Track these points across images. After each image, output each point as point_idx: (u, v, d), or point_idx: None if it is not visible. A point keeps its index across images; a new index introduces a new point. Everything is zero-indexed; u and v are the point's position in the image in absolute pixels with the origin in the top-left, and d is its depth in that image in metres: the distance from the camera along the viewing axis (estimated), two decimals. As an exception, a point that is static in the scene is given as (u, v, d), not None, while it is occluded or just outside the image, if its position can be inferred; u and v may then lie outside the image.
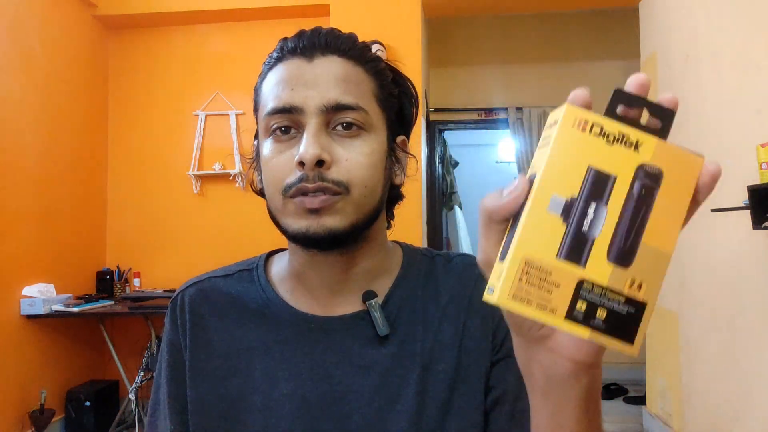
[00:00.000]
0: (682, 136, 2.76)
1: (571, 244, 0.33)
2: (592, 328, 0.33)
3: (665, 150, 0.33)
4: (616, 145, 0.33)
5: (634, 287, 0.33)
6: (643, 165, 0.33)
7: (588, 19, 4.41)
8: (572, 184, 0.33)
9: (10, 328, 2.87)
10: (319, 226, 0.57)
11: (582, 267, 0.33)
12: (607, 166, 0.33)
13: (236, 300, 0.67)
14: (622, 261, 0.33)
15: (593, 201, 0.33)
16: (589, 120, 0.33)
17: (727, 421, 2.34)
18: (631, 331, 0.33)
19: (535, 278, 0.32)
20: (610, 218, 0.33)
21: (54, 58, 3.24)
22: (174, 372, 0.65)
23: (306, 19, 3.51)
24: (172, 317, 0.68)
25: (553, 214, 0.33)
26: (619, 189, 0.33)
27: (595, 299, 0.33)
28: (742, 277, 2.22)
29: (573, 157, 0.33)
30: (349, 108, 0.58)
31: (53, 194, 3.21)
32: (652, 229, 0.33)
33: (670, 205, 0.33)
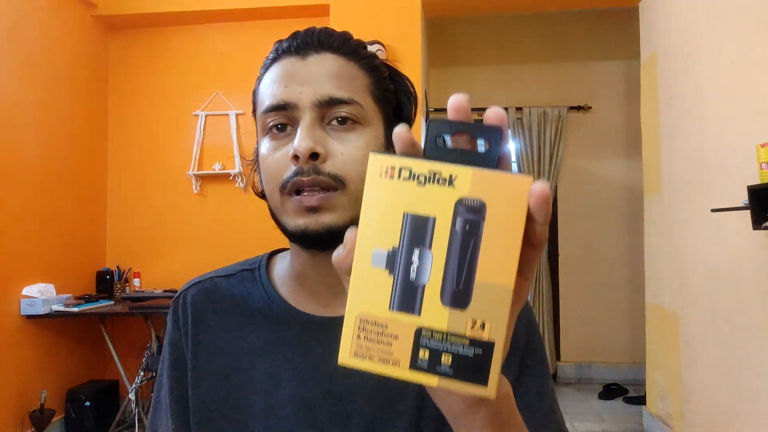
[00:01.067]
0: (682, 136, 2.77)
1: (402, 295, 0.32)
2: (440, 375, 0.31)
3: (485, 178, 0.31)
4: (429, 185, 0.32)
5: (476, 328, 0.31)
6: (461, 200, 0.31)
7: (588, 19, 4.41)
8: (391, 234, 0.32)
9: (10, 328, 2.87)
10: (318, 223, 0.57)
11: (417, 315, 0.32)
12: (423, 209, 0.32)
13: (238, 300, 0.67)
14: (457, 303, 0.31)
15: (416, 247, 0.32)
16: (395, 165, 0.32)
17: (727, 421, 2.34)
18: (482, 372, 0.31)
19: (372, 333, 0.32)
20: (436, 261, 0.31)
21: (54, 58, 3.24)
22: (176, 372, 0.65)
23: (306, 19, 3.51)
24: (174, 317, 0.68)
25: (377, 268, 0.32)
26: (441, 230, 0.31)
27: (438, 346, 0.31)
28: (742, 277, 2.22)
29: (386, 207, 0.32)
30: (342, 102, 0.58)
31: (53, 194, 3.21)
32: (485, 264, 0.31)
33: (501, 236, 0.31)
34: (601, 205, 4.40)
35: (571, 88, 4.43)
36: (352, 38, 0.63)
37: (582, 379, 4.37)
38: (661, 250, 3.05)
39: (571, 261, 4.43)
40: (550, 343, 4.31)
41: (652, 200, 3.19)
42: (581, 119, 4.42)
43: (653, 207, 3.17)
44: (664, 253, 3.00)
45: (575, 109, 4.40)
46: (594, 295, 4.39)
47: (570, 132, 4.40)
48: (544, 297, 4.31)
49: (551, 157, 4.33)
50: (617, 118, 4.39)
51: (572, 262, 4.43)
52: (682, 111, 2.76)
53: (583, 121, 4.42)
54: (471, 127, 0.33)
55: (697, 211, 2.58)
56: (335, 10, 3.35)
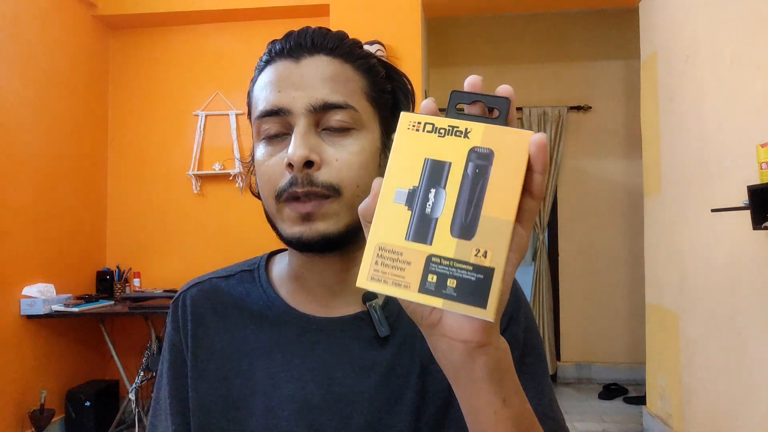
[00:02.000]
0: (682, 136, 2.77)
1: (417, 227, 0.36)
2: (445, 297, 0.35)
3: (494, 132, 0.36)
4: (447, 137, 0.37)
5: (479, 256, 0.35)
6: (474, 148, 0.36)
7: (588, 19, 4.41)
8: (412, 176, 0.37)
9: (10, 328, 2.87)
10: (312, 231, 0.57)
11: (429, 245, 0.36)
12: (441, 156, 0.37)
13: (238, 301, 0.67)
14: (464, 234, 0.35)
15: (432, 187, 0.36)
16: (421, 120, 0.38)
17: (727, 421, 2.34)
18: (482, 296, 0.34)
19: (389, 260, 0.36)
20: (449, 199, 0.36)
21: (54, 58, 3.24)
22: (175, 372, 0.65)
23: (306, 19, 3.51)
24: (173, 318, 0.67)
25: (398, 204, 0.36)
26: (455, 173, 0.36)
27: (444, 271, 0.35)
28: (742, 277, 2.22)
29: (411, 154, 0.37)
30: (337, 107, 0.57)
31: (53, 194, 3.21)
32: (490, 201, 0.35)
33: (505, 178, 0.36)
34: (601, 205, 4.40)
35: (571, 88, 4.43)
36: (347, 38, 0.62)
37: (582, 379, 4.37)
38: (661, 250, 3.05)
39: (571, 261, 4.43)
40: (550, 343, 4.31)
41: (652, 200, 3.19)
42: (581, 119, 4.42)
43: (653, 207, 3.17)
44: (664, 253, 2.99)
45: (575, 109, 4.40)
46: (594, 295, 4.39)
47: (570, 132, 4.40)
48: (544, 297, 4.31)
49: (551, 157, 4.33)
50: (617, 118, 4.39)
51: (572, 262, 4.43)
52: (682, 111, 2.76)
53: (583, 121, 4.42)
54: (485, 97, 0.39)
55: (697, 211, 2.58)
56: (335, 10, 3.35)
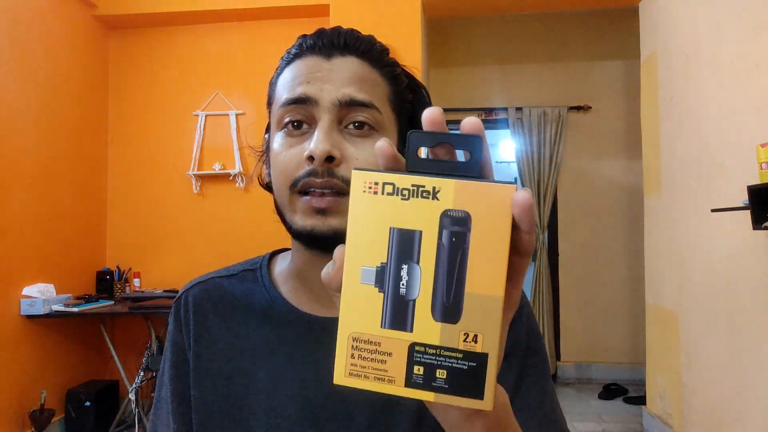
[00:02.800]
0: (682, 136, 2.77)
1: (393, 311, 0.32)
2: (436, 390, 0.31)
3: (468, 189, 0.31)
4: (413, 199, 0.31)
5: (469, 341, 0.31)
6: (446, 212, 0.31)
7: (588, 19, 4.41)
8: (378, 250, 0.32)
9: (10, 328, 2.87)
10: (325, 225, 0.56)
11: (410, 332, 0.32)
12: (409, 223, 0.31)
13: (240, 300, 0.67)
14: (448, 317, 0.31)
15: (404, 262, 0.31)
16: (378, 180, 0.32)
17: (727, 421, 2.34)
18: (477, 385, 0.31)
19: (366, 352, 0.32)
20: (425, 276, 0.31)
21: (54, 58, 3.24)
22: (177, 372, 0.65)
23: (306, 19, 3.51)
24: (175, 317, 0.67)
25: (367, 285, 0.32)
26: (428, 243, 0.31)
27: (432, 361, 0.31)
28: (742, 277, 2.22)
29: (372, 223, 0.32)
30: (362, 105, 0.58)
31: (53, 194, 3.21)
32: (474, 275, 0.31)
33: (488, 245, 0.31)
34: (601, 205, 4.40)
35: (571, 88, 4.43)
36: (376, 43, 0.63)
37: (582, 379, 4.37)
38: (661, 250, 3.05)
39: (571, 261, 4.43)
40: (550, 343, 4.31)
41: (652, 200, 3.19)
42: (581, 119, 4.42)
43: (653, 207, 3.17)
44: (664, 253, 2.99)
45: (575, 109, 4.40)
46: (594, 295, 4.39)
47: (570, 132, 4.40)
48: (544, 297, 4.31)
49: (551, 157, 4.33)
50: (617, 118, 4.39)
51: (572, 262, 4.43)
52: (682, 111, 2.76)
53: (583, 121, 4.42)
54: (451, 137, 0.33)
55: (697, 211, 2.58)
56: (335, 10, 3.35)
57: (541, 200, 4.34)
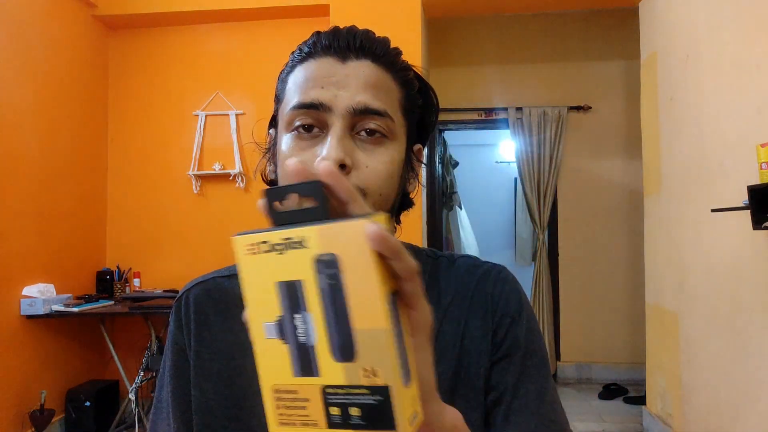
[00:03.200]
0: (682, 136, 2.77)
1: (299, 359, 0.33)
2: (354, 427, 0.33)
3: (329, 232, 0.32)
4: (287, 252, 0.33)
5: (369, 376, 0.32)
6: (317, 258, 0.32)
7: (588, 19, 4.41)
8: (272, 305, 0.33)
9: (10, 328, 2.87)
10: None
11: (318, 376, 0.33)
12: (290, 275, 0.33)
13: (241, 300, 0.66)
14: (346, 356, 0.32)
15: (296, 312, 0.33)
16: (254, 241, 0.34)
17: (727, 421, 2.34)
18: (388, 417, 0.32)
19: (288, 401, 0.34)
20: (317, 321, 0.33)
21: (54, 58, 3.24)
22: (178, 371, 0.65)
23: (306, 19, 3.51)
24: (176, 317, 0.67)
25: (272, 338, 0.34)
26: (310, 290, 0.33)
27: (343, 400, 0.33)
28: (742, 277, 2.22)
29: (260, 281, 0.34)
30: (376, 113, 0.58)
31: (53, 194, 3.21)
32: (357, 312, 0.32)
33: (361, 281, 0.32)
34: (601, 205, 4.40)
35: (571, 88, 4.43)
36: (390, 45, 0.63)
37: (582, 379, 4.37)
38: (661, 250, 3.05)
39: (571, 261, 4.43)
40: (550, 343, 4.31)
41: (652, 200, 3.19)
42: (581, 119, 4.42)
43: (653, 207, 3.17)
44: (664, 253, 2.99)
45: (575, 109, 4.40)
46: (594, 295, 4.39)
47: (570, 132, 4.40)
48: (544, 297, 4.31)
49: (551, 157, 4.33)
50: (617, 118, 4.39)
51: (572, 262, 4.43)
52: (682, 111, 2.76)
53: (583, 121, 4.42)
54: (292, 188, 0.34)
55: (697, 211, 2.58)
56: (335, 10, 3.35)
57: (541, 200, 4.34)
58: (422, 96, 0.66)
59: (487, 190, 6.12)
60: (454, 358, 0.62)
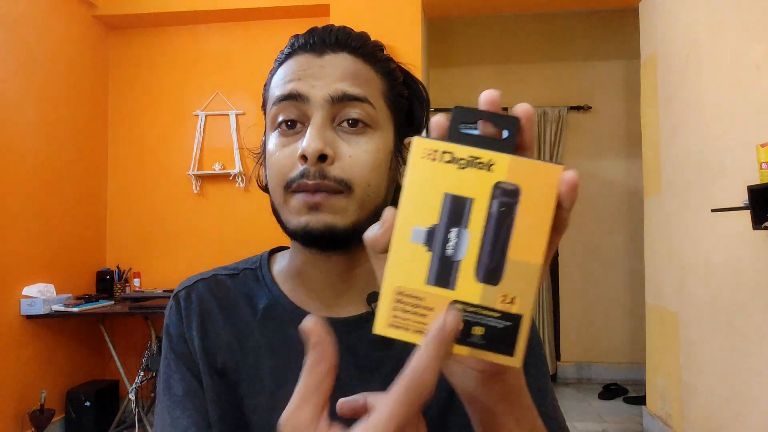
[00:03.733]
0: (682, 136, 2.77)
1: (438, 270, 0.33)
2: (471, 345, 0.33)
3: (520, 165, 0.33)
4: (468, 169, 0.33)
5: (506, 302, 0.33)
6: (498, 183, 0.33)
7: (588, 19, 4.41)
8: (431, 213, 0.34)
9: (10, 328, 2.87)
10: (318, 221, 0.56)
11: (452, 290, 0.33)
12: (462, 191, 0.33)
13: (243, 299, 0.66)
14: (490, 279, 0.33)
15: (454, 226, 0.33)
16: (438, 149, 0.34)
17: (727, 421, 2.34)
18: (510, 344, 0.33)
19: (409, 306, 0.34)
20: (473, 240, 0.33)
21: (54, 58, 3.24)
22: (187, 364, 0.63)
23: (306, 19, 3.51)
24: (177, 310, 0.66)
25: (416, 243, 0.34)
26: (478, 210, 0.33)
27: (470, 318, 0.33)
28: (742, 277, 2.22)
29: (428, 187, 0.34)
30: (356, 99, 0.57)
31: (53, 194, 3.21)
32: (517, 243, 0.33)
33: (533, 218, 0.33)
34: (601, 205, 4.40)
35: (571, 88, 4.43)
36: (369, 39, 0.62)
37: (582, 379, 4.37)
38: (661, 250, 3.05)
39: (571, 261, 4.43)
40: (550, 343, 4.31)
41: (652, 200, 3.19)
42: (581, 119, 4.42)
43: (653, 207, 3.17)
44: (664, 253, 2.99)
45: (575, 109, 4.40)
46: (594, 295, 4.39)
47: (570, 132, 4.40)
48: (544, 297, 4.31)
49: (551, 157, 4.33)
50: (617, 118, 4.39)
51: (572, 262, 4.43)
52: (682, 111, 2.76)
53: (583, 121, 4.42)
54: (492, 115, 0.35)
55: (697, 211, 2.58)
56: (335, 10, 3.35)
57: (541, 200, 4.34)
58: (408, 88, 0.65)
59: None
60: None
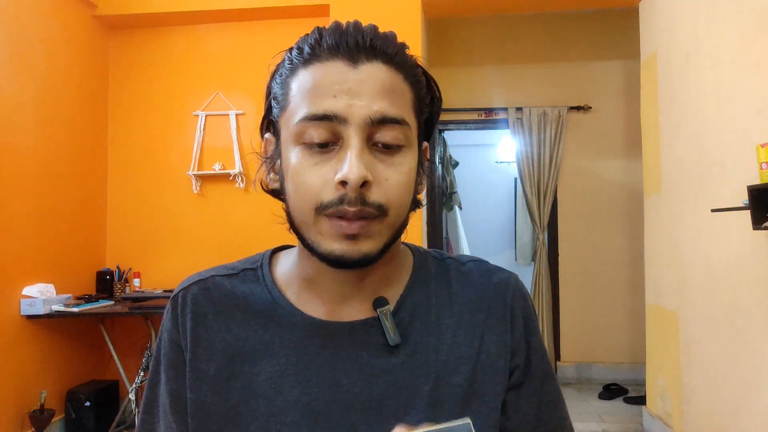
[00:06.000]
0: (682, 136, 2.77)
1: None
2: None
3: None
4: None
5: None
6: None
7: (588, 19, 4.41)
8: None
9: (10, 328, 2.87)
10: (355, 251, 0.54)
11: None
12: None
13: (241, 300, 0.64)
14: None
15: None
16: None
17: (727, 421, 2.34)
18: None
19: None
20: None
21: (54, 58, 3.24)
22: (174, 372, 0.63)
23: (306, 19, 3.51)
24: (172, 315, 0.64)
25: None
26: None
27: None
28: (742, 277, 2.22)
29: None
30: (395, 122, 0.54)
31: (53, 194, 3.21)
32: None
33: None
34: (601, 205, 4.40)
35: (571, 88, 4.43)
36: (399, 43, 0.59)
37: (582, 379, 4.37)
38: (661, 250, 3.05)
39: (571, 261, 4.43)
40: (550, 343, 4.31)
41: (652, 200, 3.19)
42: (581, 119, 4.42)
43: (653, 207, 3.17)
44: (664, 253, 2.99)
45: (575, 109, 4.40)
46: (594, 295, 4.39)
47: (570, 132, 4.40)
48: (544, 297, 4.31)
49: (551, 157, 4.33)
50: (617, 118, 4.39)
51: (572, 262, 4.43)
52: (682, 111, 2.76)
53: (583, 121, 4.42)
54: None
55: (697, 211, 2.58)
56: (335, 10, 3.35)
57: (541, 200, 4.34)
58: (430, 92, 0.63)
59: (487, 190, 6.12)
60: (469, 371, 0.61)
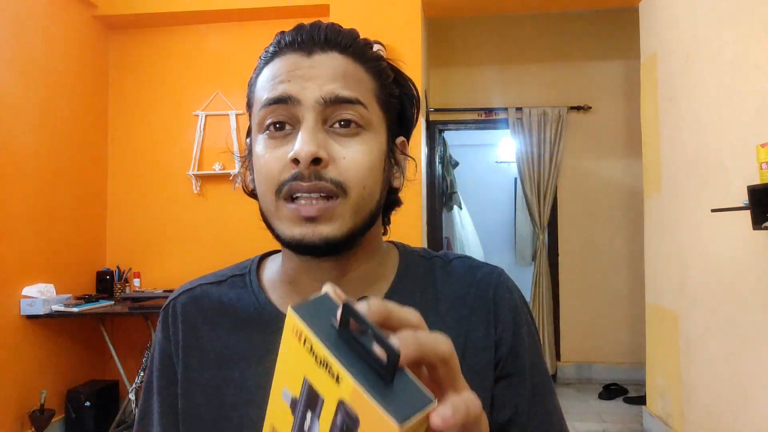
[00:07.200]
0: (682, 136, 2.76)
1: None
2: None
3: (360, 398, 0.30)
4: (321, 369, 0.32)
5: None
6: (342, 402, 0.31)
7: (588, 19, 4.41)
8: (295, 385, 0.33)
9: (10, 328, 2.87)
10: (315, 234, 0.54)
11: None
12: (317, 384, 0.32)
13: (229, 307, 0.64)
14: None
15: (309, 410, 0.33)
16: (302, 333, 0.32)
17: (727, 421, 2.34)
18: None
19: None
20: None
21: (54, 58, 3.24)
22: (165, 381, 0.64)
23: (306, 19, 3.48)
24: (163, 326, 0.65)
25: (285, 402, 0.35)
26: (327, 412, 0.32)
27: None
28: (742, 277, 2.22)
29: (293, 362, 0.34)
30: (348, 101, 0.55)
31: (53, 194, 3.21)
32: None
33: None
34: (601, 205, 4.40)
35: (571, 88, 4.43)
36: (359, 37, 0.60)
37: (582, 379, 4.37)
38: (661, 251, 3.05)
39: (571, 261, 4.43)
40: (550, 343, 4.31)
41: (652, 200, 3.19)
42: (581, 119, 4.42)
43: (653, 207, 3.16)
44: (664, 254, 2.99)
45: (575, 109, 4.40)
46: (594, 295, 4.39)
47: (570, 132, 4.40)
48: (544, 297, 4.31)
49: (551, 157, 4.32)
50: (617, 118, 4.39)
51: (572, 262, 4.43)
52: (682, 111, 2.76)
53: (583, 121, 4.42)
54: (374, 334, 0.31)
55: (697, 211, 2.58)
56: (335, 10, 3.35)
57: (541, 200, 4.34)
58: (399, 87, 0.64)
59: (487, 190, 6.12)
60: None
